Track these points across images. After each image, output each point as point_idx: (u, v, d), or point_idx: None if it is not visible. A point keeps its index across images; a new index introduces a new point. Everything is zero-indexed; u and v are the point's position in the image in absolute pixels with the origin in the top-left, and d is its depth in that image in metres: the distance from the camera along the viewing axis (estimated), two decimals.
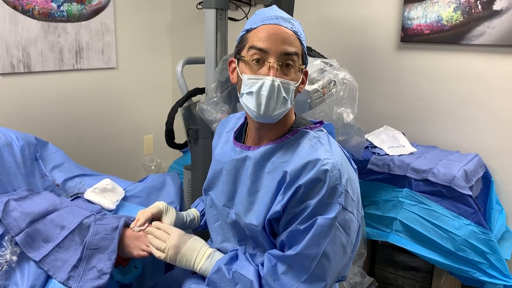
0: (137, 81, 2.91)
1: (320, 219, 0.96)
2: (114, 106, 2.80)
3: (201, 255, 1.10)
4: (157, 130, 3.03)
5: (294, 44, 1.04)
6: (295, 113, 1.16)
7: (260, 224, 1.04)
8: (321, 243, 0.96)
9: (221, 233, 1.18)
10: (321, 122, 1.17)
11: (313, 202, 0.97)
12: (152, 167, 3.04)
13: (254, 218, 1.05)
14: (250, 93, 1.02)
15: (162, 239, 1.11)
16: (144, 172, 3.03)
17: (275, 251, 1.03)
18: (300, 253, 0.97)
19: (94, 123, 2.69)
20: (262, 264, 1.04)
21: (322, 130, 1.12)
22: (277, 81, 1.00)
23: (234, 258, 1.10)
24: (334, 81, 1.48)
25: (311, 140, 1.06)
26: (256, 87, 1.01)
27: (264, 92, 1.00)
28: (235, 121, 1.26)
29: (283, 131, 1.10)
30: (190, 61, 2.05)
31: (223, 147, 1.20)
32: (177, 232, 1.12)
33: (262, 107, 1.01)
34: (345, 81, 1.53)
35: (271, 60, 1.01)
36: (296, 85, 1.05)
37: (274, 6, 1.11)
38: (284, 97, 1.02)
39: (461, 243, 1.72)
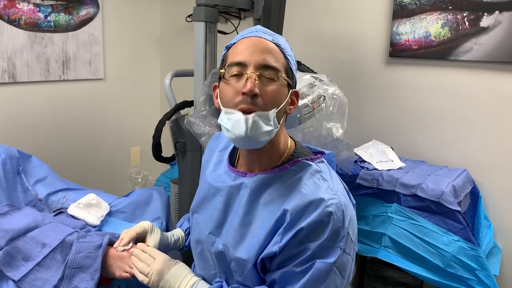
0: (124, 93, 2.89)
1: (319, 263, 0.90)
2: (101, 117, 2.77)
3: (185, 283, 1.04)
4: (144, 142, 3.00)
5: (276, 57, 0.96)
6: (294, 140, 1.09)
7: (251, 259, 0.96)
8: (317, 287, 0.90)
9: (201, 260, 1.12)
10: (322, 153, 1.10)
11: (313, 245, 0.90)
12: (139, 179, 3.01)
13: (245, 252, 0.97)
14: (226, 129, 0.96)
15: (147, 262, 1.07)
16: (130, 184, 2.99)
17: None
18: None
19: (81, 134, 2.65)
20: None
21: (323, 161, 1.05)
22: (251, 118, 0.91)
23: None
24: (324, 96, 1.48)
25: (314, 175, 0.98)
26: (230, 124, 0.94)
27: (239, 129, 0.92)
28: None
29: (279, 158, 1.02)
30: (178, 74, 2.03)
31: (216, 168, 1.13)
32: (162, 257, 1.08)
33: (240, 143, 0.97)
34: (335, 96, 1.52)
35: (248, 71, 0.93)
36: (279, 108, 0.95)
37: (258, 25, 1.06)
38: (264, 130, 0.93)
39: (450, 259, 1.71)
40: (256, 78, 0.92)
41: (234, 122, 0.93)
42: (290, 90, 1.00)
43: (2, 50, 2.22)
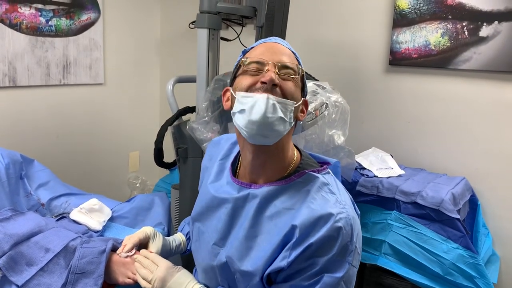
0: (124, 98, 2.89)
1: (327, 277, 0.89)
2: (101, 122, 2.76)
3: None
4: (143, 147, 3.00)
5: (291, 60, 0.99)
6: (299, 150, 1.07)
7: (257, 272, 0.95)
8: None
9: (203, 271, 1.10)
10: (327, 163, 1.08)
11: (322, 260, 0.89)
12: (137, 185, 3.00)
13: (251, 265, 0.96)
14: (242, 110, 0.94)
15: (150, 269, 1.06)
16: (128, 190, 2.99)
17: None
18: None
19: (80, 138, 2.65)
20: None
21: (329, 172, 1.03)
22: (272, 100, 0.91)
23: None
24: (326, 103, 1.49)
25: (322, 188, 0.96)
26: (248, 105, 0.92)
27: (258, 110, 0.91)
28: (229, 146, 1.16)
29: (284, 168, 1.00)
30: (181, 80, 2.03)
31: (217, 178, 1.10)
32: (165, 264, 1.07)
33: (254, 130, 0.93)
34: (337, 103, 1.53)
35: (269, 68, 0.94)
36: (295, 105, 0.96)
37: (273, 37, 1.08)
38: (280, 117, 0.92)
39: (449, 267, 1.71)
40: (277, 72, 0.94)
41: (253, 102, 0.92)
42: (302, 98, 1.01)
43: (3, 54, 2.22)
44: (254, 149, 0.98)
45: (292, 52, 1.01)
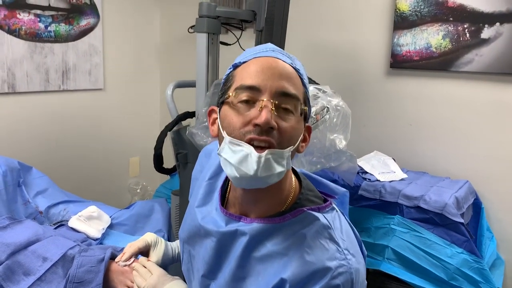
0: (124, 103, 2.88)
1: None
2: (101, 127, 2.75)
3: None
4: (143, 153, 2.99)
5: (295, 84, 0.81)
6: (299, 177, 0.91)
7: None
8: None
9: None
10: (332, 196, 0.93)
11: None
12: (138, 190, 2.98)
13: None
14: (228, 162, 0.79)
15: (144, 277, 1.04)
16: (129, 195, 2.97)
17: None
18: None
19: (80, 144, 2.64)
20: None
21: (334, 209, 0.88)
22: (263, 157, 0.75)
23: None
24: (327, 107, 1.47)
25: (321, 233, 0.80)
26: (237, 157, 0.77)
27: (248, 168, 0.76)
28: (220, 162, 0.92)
29: (280, 203, 0.85)
30: (180, 85, 2.02)
31: (205, 201, 0.96)
32: (158, 272, 1.04)
33: (244, 183, 0.79)
34: (338, 107, 1.52)
35: (264, 98, 0.77)
36: (293, 149, 0.80)
37: (270, 44, 0.90)
38: (275, 173, 0.77)
39: (454, 272, 1.69)
40: (273, 108, 0.77)
41: (241, 156, 0.77)
42: (305, 125, 0.86)
43: (2, 60, 2.21)
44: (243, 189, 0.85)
45: (294, 68, 0.83)
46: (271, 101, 0.77)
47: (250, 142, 0.77)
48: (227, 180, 0.96)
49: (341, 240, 0.81)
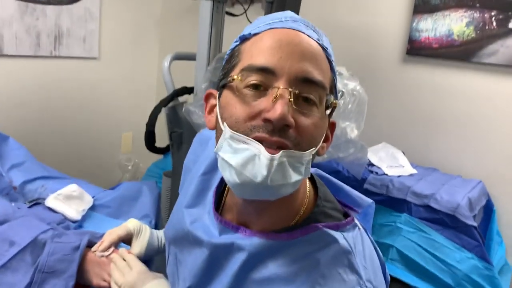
0: (119, 74, 2.75)
1: None
2: (93, 99, 2.63)
3: None
4: (137, 128, 2.87)
5: (321, 68, 0.62)
6: (313, 183, 0.74)
7: None
8: None
9: None
10: (353, 209, 0.76)
11: None
12: (129, 167, 2.87)
13: None
14: (227, 164, 0.61)
15: (123, 272, 0.92)
16: (120, 172, 2.86)
17: None
18: None
19: (69, 116, 2.52)
20: None
21: (356, 225, 0.71)
22: (276, 159, 0.58)
23: None
24: (343, 91, 1.33)
25: (339, 259, 0.63)
26: (240, 158, 0.60)
27: (254, 173, 0.59)
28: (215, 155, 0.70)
29: (291, 215, 0.68)
30: (179, 57, 1.89)
31: (196, 202, 0.80)
32: (138, 268, 0.91)
33: (247, 192, 0.62)
34: (355, 92, 1.38)
35: (280, 85, 0.59)
36: (314, 151, 0.63)
37: (289, 11, 0.70)
38: (290, 182, 0.60)
39: (462, 278, 1.61)
40: (291, 99, 0.59)
41: (246, 157, 0.59)
42: (329, 121, 0.68)
43: None
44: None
45: (321, 46, 0.64)
46: (289, 89, 0.59)
47: (259, 141, 0.60)
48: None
49: (363, 269, 0.65)
